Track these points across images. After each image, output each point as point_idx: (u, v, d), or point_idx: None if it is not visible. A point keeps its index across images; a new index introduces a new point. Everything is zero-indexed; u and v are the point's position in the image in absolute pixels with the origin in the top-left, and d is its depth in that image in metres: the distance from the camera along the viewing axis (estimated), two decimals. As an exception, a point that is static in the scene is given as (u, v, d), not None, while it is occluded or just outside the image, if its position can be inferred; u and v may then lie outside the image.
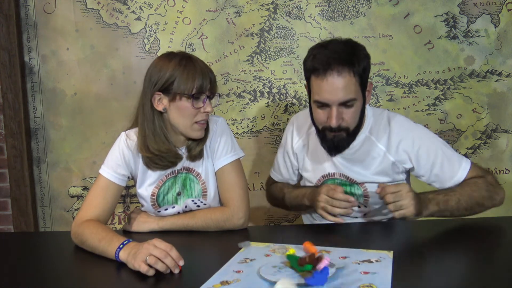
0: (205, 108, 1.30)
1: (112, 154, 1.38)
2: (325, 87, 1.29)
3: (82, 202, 1.31)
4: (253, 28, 2.13)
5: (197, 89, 1.28)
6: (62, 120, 2.21)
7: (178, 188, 1.41)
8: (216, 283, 0.94)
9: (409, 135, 1.40)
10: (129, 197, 2.25)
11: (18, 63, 2.14)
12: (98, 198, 1.33)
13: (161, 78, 1.29)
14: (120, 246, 1.10)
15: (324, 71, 1.28)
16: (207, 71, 1.31)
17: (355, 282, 0.92)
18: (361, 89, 1.33)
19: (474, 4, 2.09)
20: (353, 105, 1.32)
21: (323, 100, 1.31)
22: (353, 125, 1.36)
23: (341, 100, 1.30)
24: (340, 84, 1.28)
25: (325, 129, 1.36)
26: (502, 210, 2.17)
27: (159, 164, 1.35)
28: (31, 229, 2.20)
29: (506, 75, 2.12)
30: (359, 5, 2.11)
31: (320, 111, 1.35)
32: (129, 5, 2.14)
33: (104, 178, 1.35)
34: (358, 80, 1.31)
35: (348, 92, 1.29)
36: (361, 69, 1.31)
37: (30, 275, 1.07)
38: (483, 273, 1.00)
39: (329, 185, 1.36)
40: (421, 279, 0.97)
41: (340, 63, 1.28)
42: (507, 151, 2.17)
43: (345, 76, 1.28)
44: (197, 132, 1.33)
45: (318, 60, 1.31)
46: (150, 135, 1.32)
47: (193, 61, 1.30)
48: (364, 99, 1.37)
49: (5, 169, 2.21)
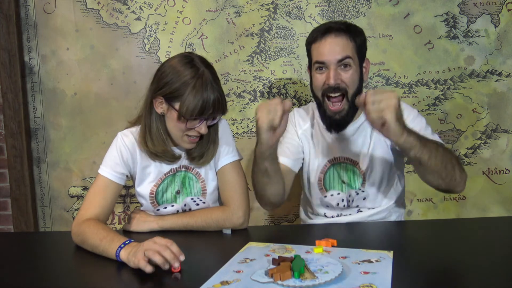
0: (200, 128, 1.29)
1: (110, 153, 1.38)
2: (323, 47, 1.38)
3: (82, 202, 1.31)
4: (253, 28, 2.14)
5: (196, 114, 1.26)
6: (62, 120, 2.21)
7: (177, 186, 1.42)
8: (216, 283, 0.94)
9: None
10: (129, 197, 2.25)
11: (18, 63, 2.13)
12: (97, 197, 1.33)
13: (169, 86, 1.28)
14: (121, 245, 1.10)
15: (322, 35, 1.39)
16: (213, 94, 1.27)
17: (355, 282, 0.92)
18: (358, 58, 1.40)
19: (474, 4, 2.09)
20: (350, 65, 1.37)
21: (321, 59, 1.38)
22: (352, 89, 1.39)
23: (338, 57, 1.36)
24: (338, 45, 1.37)
25: (324, 94, 1.39)
26: (502, 210, 2.18)
27: (154, 157, 1.37)
28: (31, 229, 2.20)
29: (506, 75, 2.12)
30: (359, 5, 2.11)
31: (318, 76, 1.40)
32: (129, 5, 2.14)
33: (103, 178, 1.35)
34: (355, 47, 1.39)
35: (345, 50, 1.36)
36: (358, 39, 1.40)
37: (30, 275, 1.07)
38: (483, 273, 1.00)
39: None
40: (421, 279, 0.97)
41: (338, 28, 1.39)
42: (507, 151, 2.17)
43: (342, 38, 1.37)
44: (187, 144, 1.34)
45: (317, 29, 1.43)
46: (147, 132, 1.34)
47: (205, 81, 1.27)
48: (361, 72, 1.42)
49: (5, 169, 2.21)
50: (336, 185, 1.50)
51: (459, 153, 2.16)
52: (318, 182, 1.52)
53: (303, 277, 0.94)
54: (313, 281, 0.92)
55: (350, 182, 1.49)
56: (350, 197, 1.49)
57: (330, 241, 1.14)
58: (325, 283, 0.91)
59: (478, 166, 2.17)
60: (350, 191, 1.49)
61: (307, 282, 0.91)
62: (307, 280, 0.92)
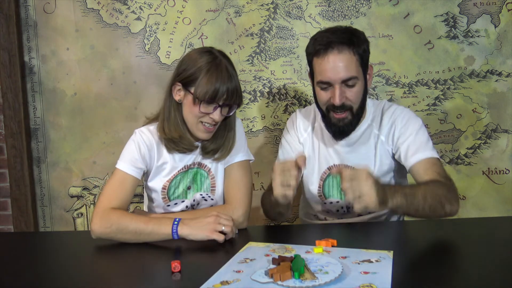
0: (213, 115, 1.30)
1: (128, 149, 1.38)
2: (327, 66, 1.32)
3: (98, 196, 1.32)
4: (253, 28, 2.13)
5: (209, 97, 1.28)
6: (62, 120, 2.21)
7: (188, 182, 1.43)
8: (216, 283, 0.94)
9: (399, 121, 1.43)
10: (129, 197, 2.25)
11: (18, 63, 2.14)
12: (116, 191, 1.32)
13: (186, 72, 1.32)
14: (175, 223, 1.17)
15: (325, 50, 1.32)
16: (229, 81, 1.30)
17: (355, 282, 0.92)
18: (362, 70, 1.35)
19: (474, 4, 2.09)
20: (355, 84, 1.34)
21: (325, 79, 1.33)
22: (357, 104, 1.37)
23: (343, 78, 1.31)
24: (341, 62, 1.31)
25: (329, 109, 1.37)
26: (502, 210, 2.18)
27: (175, 148, 1.37)
28: (31, 229, 2.20)
29: (506, 75, 2.12)
30: (359, 5, 2.11)
31: (323, 93, 1.36)
32: (129, 5, 2.14)
33: (121, 172, 1.35)
34: (359, 60, 1.33)
35: (350, 70, 1.31)
36: (361, 50, 1.34)
37: (30, 275, 1.07)
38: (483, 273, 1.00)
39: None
40: (421, 279, 0.97)
41: (340, 42, 1.31)
42: (507, 151, 2.17)
43: (345, 54, 1.31)
44: (202, 133, 1.34)
45: (318, 42, 1.34)
46: (165, 120, 1.37)
47: (220, 67, 1.30)
48: (365, 82, 1.39)
49: (5, 169, 2.21)
50: (335, 193, 1.49)
51: (459, 153, 2.16)
52: (318, 189, 1.51)
53: (303, 278, 0.94)
54: (313, 282, 0.91)
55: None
56: (350, 204, 1.44)
57: (330, 241, 1.13)
58: (325, 283, 0.91)
59: (478, 166, 2.17)
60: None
61: (307, 283, 0.91)
62: (307, 281, 0.92)
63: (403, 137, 1.40)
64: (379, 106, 1.49)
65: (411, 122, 1.42)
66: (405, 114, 1.44)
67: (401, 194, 1.19)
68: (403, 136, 1.41)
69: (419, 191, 1.23)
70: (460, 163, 2.17)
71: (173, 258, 1.04)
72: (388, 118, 1.45)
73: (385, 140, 1.44)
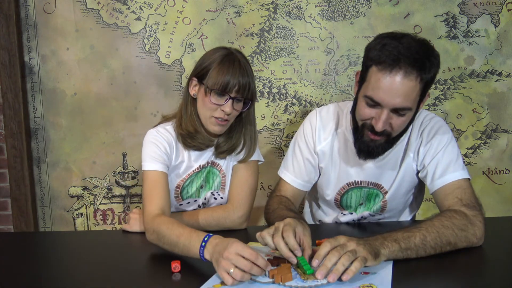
0: (224, 107, 1.29)
1: (149, 148, 1.35)
2: (385, 86, 1.12)
3: (142, 201, 1.30)
4: (253, 28, 2.13)
5: (220, 87, 1.28)
6: (62, 120, 2.21)
7: (201, 181, 1.43)
8: (216, 283, 0.94)
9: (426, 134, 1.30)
10: (129, 197, 2.25)
11: (18, 63, 2.13)
12: (155, 190, 1.29)
13: (201, 65, 1.33)
14: (202, 244, 1.02)
15: (390, 66, 1.11)
16: (240, 75, 1.29)
17: (355, 282, 0.92)
18: (420, 98, 1.18)
19: (474, 4, 2.09)
20: (405, 114, 1.17)
21: (377, 99, 1.14)
22: (396, 133, 1.22)
23: (397, 106, 1.14)
24: (403, 88, 1.11)
25: (365, 126, 1.21)
26: (502, 210, 2.18)
27: (191, 144, 1.37)
28: (31, 229, 2.20)
29: (506, 75, 2.12)
30: (359, 5, 2.11)
31: (367, 109, 1.18)
32: (129, 5, 2.14)
33: (151, 172, 1.31)
34: (421, 89, 1.15)
35: (407, 100, 1.13)
36: (429, 77, 1.14)
37: (30, 275, 1.07)
38: (483, 273, 1.00)
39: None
40: (421, 279, 0.97)
41: (410, 63, 1.10)
42: (507, 151, 2.17)
43: (411, 80, 1.11)
44: (214, 126, 1.33)
45: (387, 52, 1.12)
46: (183, 115, 1.37)
47: (233, 60, 1.30)
48: (416, 111, 1.22)
49: (5, 169, 2.21)
50: (352, 206, 1.42)
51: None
52: (335, 201, 1.43)
53: (304, 277, 0.94)
54: (315, 282, 0.92)
55: (369, 205, 1.41)
56: (362, 217, 1.44)
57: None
58: (327, 283, 0.91)
59: (478, 166, 2.18)
60: (364, 212, 1.42)
61: (309, 283, 0.91)
62: (308, 281, 0.92)
63: (429, 156, 1.28)
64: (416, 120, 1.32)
65: (438, 136, 1.28)
66: (432, 126, 1.30)
67: (391, 239, 1.02)
68: (429, 155, 1.28)
69: (417, 233, 1.05)
70: (460, 163, 2.17)
71: (173, 258, 1.04)
72: (416, 131, 1.32)
73: (413, 156, 1.32)
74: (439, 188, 1.24)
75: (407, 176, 1.34)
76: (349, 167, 1.36)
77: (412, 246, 1.03)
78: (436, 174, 1.25)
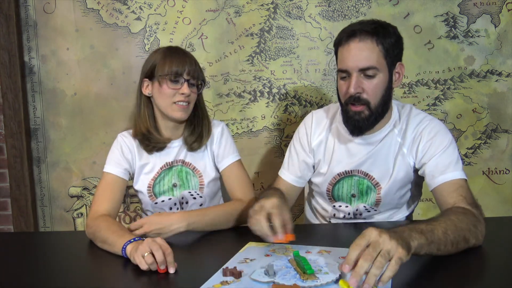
0: (182, 89, 1.38)
1: (112, 152, 1.48)
2: (346, 54, 1.27)
3: (92, 199, 1.40)
4: (253, 28, 2.13)
5: (172, 71, 1.37)
6: (62, 120, 2.21)
7: (173, 179, 1.48)
8: (216, 283, 0.94)
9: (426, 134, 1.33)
10: (129, 197, 2.25)
11: (18, 63, 2.14)
12: (105, 193, 1.39)
13: (147, 66, 1.43)
14: (131, 240, 1.11)
15: (347, 39, 1.27)
16: (187, 58, 1.40)
17: (355, 282, 0.92)
18: (386, 63, 1.28)
19: (474, 4, 2.09)
20: (374, 75, 1.27)
21: (344, 67, 1.28)
22: (374, 99, 1.28)
23: (360, 66, 1.25)
24: (361, 50, 1.25)
25: (347, 102, 1.30)
26: (502, 210, 2.18)
27: (148, 145, 1.45)
28: (31, 229, 2.20)
29: (506, 75, 2.12)
30: (359, 5, 2.11)
31: (342, 83, 1.31)
32: (129, 5, 2.14)
33: (108, 175, 1.43)
34: (383, 51, 1.27)
35: (369, 59, 1.25)
36: (387, 42, 1.27)
37: (30, 275, 1.07)
38: (483, 273, 1.00)
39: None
40: (421, 279, 0.97)
41: (364, 31, 1.26)
42: (507, 151, 2.17)
43: (367, 42, 1.25)
44: (177, 112, 1.41)
45: (343, 31, 1.31)
46: (137, 117, 1.47)
47: (175, 49, 1.43)
48: (390, 78, 1.31)
49: (5, 169, 2.21)
50: (345, 197, 1.44)
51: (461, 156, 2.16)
52: (327, 192, 1.46)
53: (304, 277, 0.94)
54: (314, 282, 0.92)
55: (362, 197, 1.42)
56: (357, 211, 1.44)
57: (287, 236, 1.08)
58: (326, 283, 0.91)
59: (478, 166, 2.18)
60: (359, 205, 1.43)
61: (308, 283, 0.91)
62: (308, 281, 0.92)
63: (429, 154, 1.30)
64: (404, 111, 1.40)
65: (439, 137, 1.32)
66: (434, 127, 1.34)
67: (417, 231, 0.97)
68: (429, 153, 1.31)
69: (439, 226, 1.02)
70: (460, 163, 2.17)
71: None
72: (413, 127, 1.35)
73: (407, 152, 1.35)
74: (440, 185, 1.26)
75: (401, 171, 1.37)
76: (340, 158, 1.42)
77: (436, 239, 0.99)
78: (437, 171, 1.28)
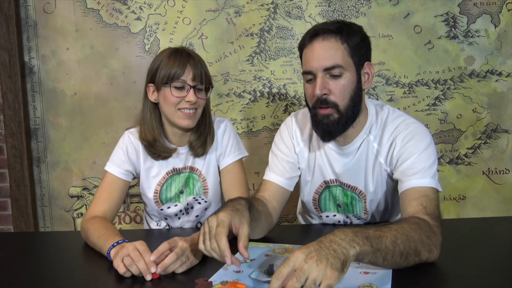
0: (188, 97, 1.31)
1: (116, 151, 1.43)
2: (310, 54, 1.21)
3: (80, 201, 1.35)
4: (253, 28, 2.13)
5: (174, 77, 1.30)
6: (62, 120, 2.21)
7: (180, 186, 1.44)
8: (216, 283, 0.94)
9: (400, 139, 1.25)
10: (129, 197, 2.25)
11: (18, 63, 2.14)
12: (104, 193, 1.36)
13: (152, 69, 1.36)
14: (114, 244, 1.10)
15: (310, 39, 1.21)
16: (192, 62, 1.32)
17: (355, 282, 0.92)
18: (353, 62, 1.21)
19: (474, 4, 2.09)
20: (341, 75, 1.19)
21: (308, 68, 1.21)
22: (342, 101, 1.20)
23: (324, 65, 1.18)
24: (325, 48, 1.19)
25: (315, 106, 1.22)
26: (502, 210, 2.18)
27: (154, 153, 1.40)
28: (31, 229, 2.20)
29: (506, 75, 2.12)
30: (359, 5, 2.11)
31: (308, 86, 1.24)
32: (129, 5, 2.14)
33: (109, 174, 1.39)
34: (348, 50, 1.19)
35: (333, 58, 1.18)
36: (352, 40, 1.20)
37: (30, 275, 1.07)
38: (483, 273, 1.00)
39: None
40: (421, 279, 0.97)
41: (327, 31, 1.20)
42: (507, 151, 2.17)
43: (330, 41, 1.19)
44: (183, 120, 1.34)
45: (306, 33, 1.24)
46: (143, 124, 1.39)
47: (180, 52, 1.34)
48: (359, 79, 1.23)
49: (5, 169, 2.21)
50: (331, 207, 1.41)
51: (459, 153, 2.16)
52: (313, 201, 1.42)
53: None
54: None
55: (348, 207, 1.38)
56: (348, 219, 1.41)
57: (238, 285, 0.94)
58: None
59: (478, 166, 2.18)
60: (348, 214, 1.40)
61: None
62: None
63: (402, 159, 1.23)
64: (383, 113, 1.30)
65: (414, 142, 1.23)
66: (410, 132, 1.25)
67: (362, 236, 0.88)
68: (402, 158, 1.23)
69: (389, 234, 0.94)
70: (460, 163, 2.18)
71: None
72: (389, 133, 1.27)
73: (383, 162, 1.28)
74: (404, 191, 1.18)
75: (381, 181, 1.31)
76: (323, 165, 1.35)
77: (383, 248, 0.91)
78: (405, 176, 1.20)
